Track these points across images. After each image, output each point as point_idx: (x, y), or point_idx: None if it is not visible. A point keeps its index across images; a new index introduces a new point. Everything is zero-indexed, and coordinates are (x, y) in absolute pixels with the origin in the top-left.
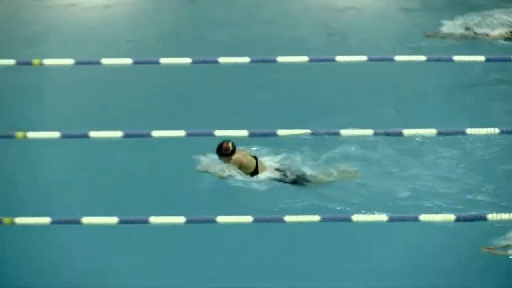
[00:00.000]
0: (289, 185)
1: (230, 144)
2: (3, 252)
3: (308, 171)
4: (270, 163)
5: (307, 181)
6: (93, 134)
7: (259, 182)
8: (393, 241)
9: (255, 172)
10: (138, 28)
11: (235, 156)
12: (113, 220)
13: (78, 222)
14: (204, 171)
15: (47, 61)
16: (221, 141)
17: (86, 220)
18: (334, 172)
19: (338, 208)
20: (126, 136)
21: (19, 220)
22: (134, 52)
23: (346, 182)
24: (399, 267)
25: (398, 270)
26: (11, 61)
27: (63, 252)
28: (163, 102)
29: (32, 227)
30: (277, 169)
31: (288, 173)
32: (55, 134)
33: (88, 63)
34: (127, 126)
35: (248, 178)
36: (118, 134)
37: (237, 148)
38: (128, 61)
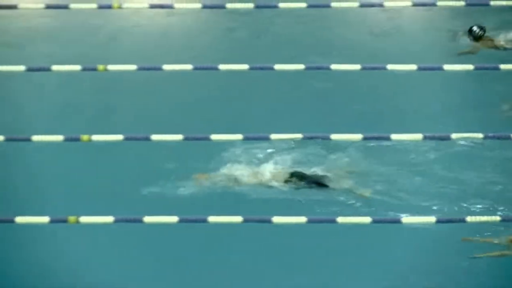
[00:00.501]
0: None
1: None
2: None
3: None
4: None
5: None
6: (155, 137)
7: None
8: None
9: None
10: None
11: None
12: (174, 219)
13: (140, 220)
14: (200, 182)
15: (111, 67)
16: None
17: (147, 219)
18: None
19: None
20: (186, 139)
21: (84, 219)
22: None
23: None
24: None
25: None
26: (77, 67)
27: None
28: (222, 106)
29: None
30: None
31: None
32: (118, 137)
33: (150, 68)
34: (187, 129)
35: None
36: (179, 137)
37: None
38: (188, 67)
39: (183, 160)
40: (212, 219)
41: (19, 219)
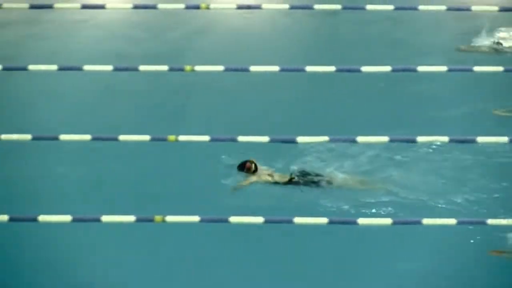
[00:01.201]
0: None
1: (252, 165)
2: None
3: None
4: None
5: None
6: (241, 138)
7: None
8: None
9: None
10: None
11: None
12: (260, 219)
13: (226, 220)
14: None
15: (198, 68)
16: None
17: (234, 219)
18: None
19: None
20: (272, 141)
21: (170, 218)
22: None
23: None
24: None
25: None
26: (165, 67)
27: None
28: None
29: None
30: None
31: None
32: (205, 138)
33: (237, 69)
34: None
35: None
36: (265, 139)
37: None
38: (275, 68)
39: (268, 162)
40: (298, 220)
41: (105, 218)
